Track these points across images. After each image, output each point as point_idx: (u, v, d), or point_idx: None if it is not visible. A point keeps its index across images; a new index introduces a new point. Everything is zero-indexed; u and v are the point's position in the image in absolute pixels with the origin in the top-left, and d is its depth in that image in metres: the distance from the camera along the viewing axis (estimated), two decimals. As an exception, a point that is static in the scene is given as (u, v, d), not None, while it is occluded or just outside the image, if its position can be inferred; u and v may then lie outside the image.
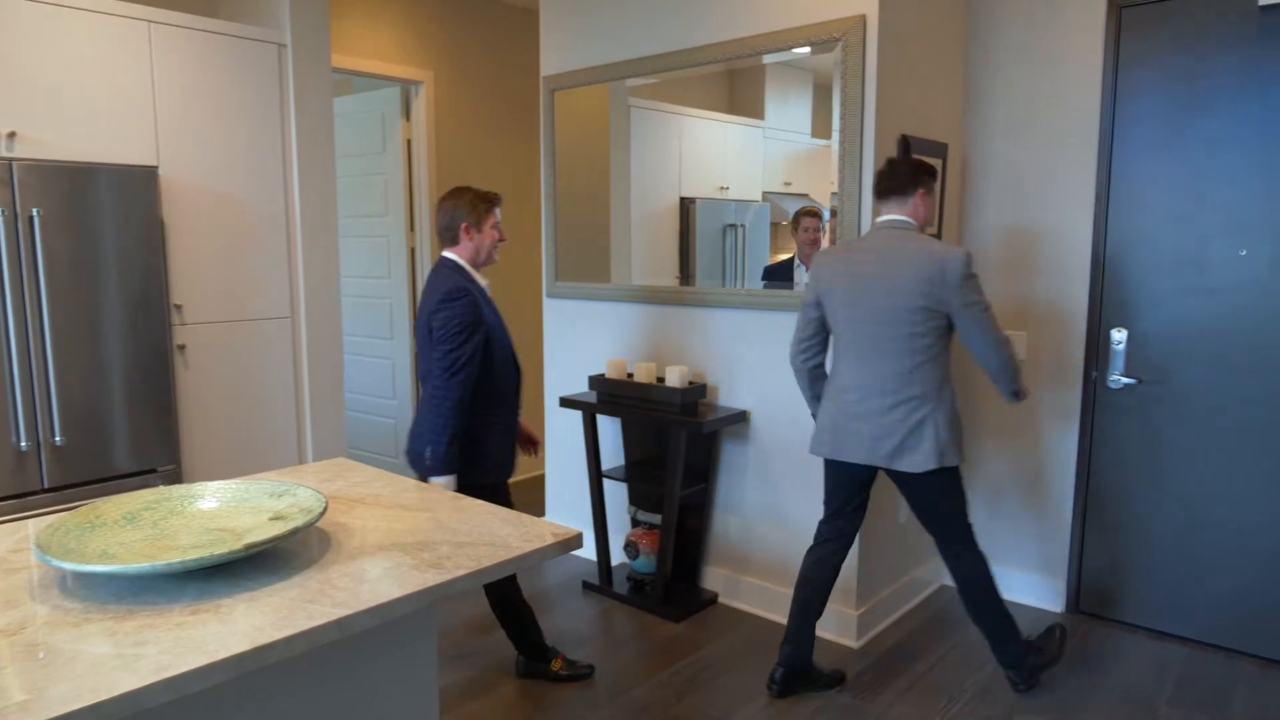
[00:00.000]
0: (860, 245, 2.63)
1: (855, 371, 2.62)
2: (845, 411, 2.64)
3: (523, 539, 1.79)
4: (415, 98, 4.62)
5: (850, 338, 2.61)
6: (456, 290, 2.53)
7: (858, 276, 2.58)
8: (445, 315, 2.52)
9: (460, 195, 2.65)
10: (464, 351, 2.51)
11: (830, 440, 2.68)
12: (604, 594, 3.59)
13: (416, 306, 4.73)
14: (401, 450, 4.92)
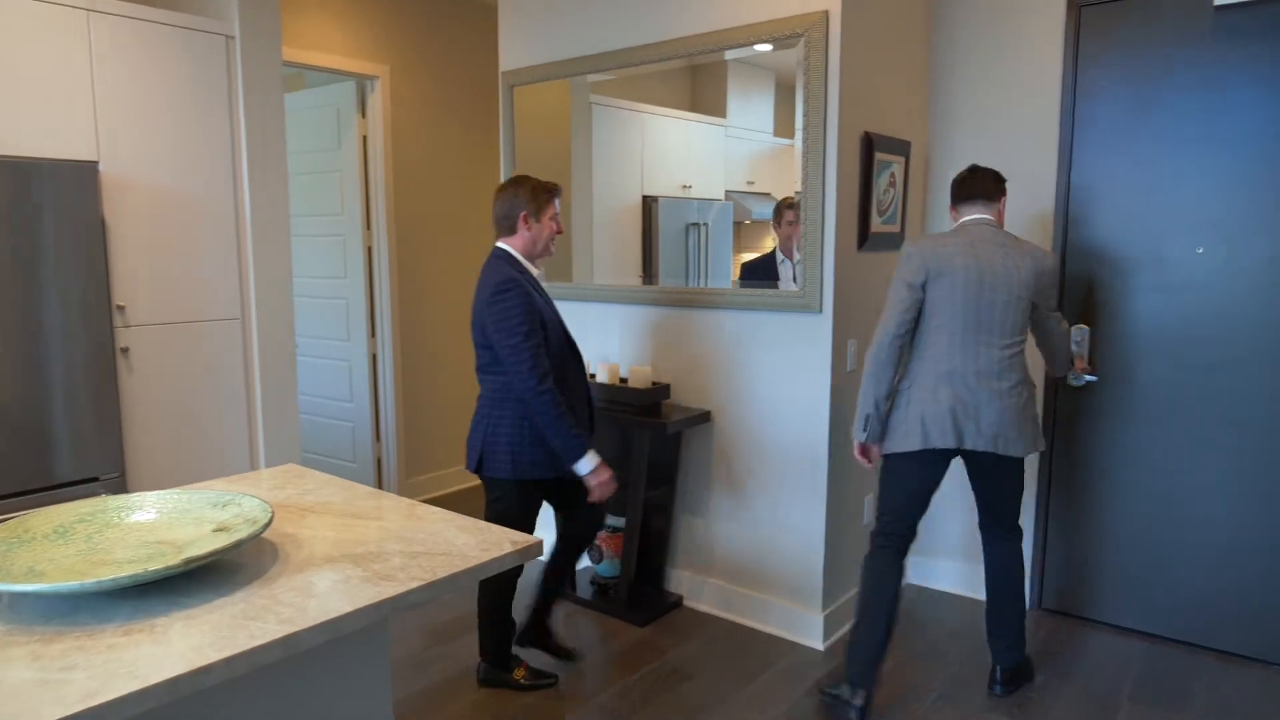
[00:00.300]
0: (969, 235, 2.60)
1: (970, 354, 2.56)
2: (962, 397, 2.54)
3: (480, 548, 1.73)
4: (371, 93, 4.51)
5: (969, 319, 2.55)
6: (506, 282, 2.48)
7: (982, 260, 2.56)
8: (499, 311, 2.47)
9: (521, 184, 2.60)
10: (532, 343, 2.47)
11: (949, 429, 2.54)
12: (567, 598, 3.53)
13: (385, 306, 4.63)
14: (361, 453, 4.81)
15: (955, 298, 2.55)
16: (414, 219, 4.73)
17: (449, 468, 5.04)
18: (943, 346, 2.58)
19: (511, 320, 2.45)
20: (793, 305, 3.05)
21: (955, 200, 2.72)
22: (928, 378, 2.58)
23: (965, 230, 2.63)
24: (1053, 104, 3.20)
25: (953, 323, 2.57)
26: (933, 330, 2.59)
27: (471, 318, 2.60)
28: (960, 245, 2.58)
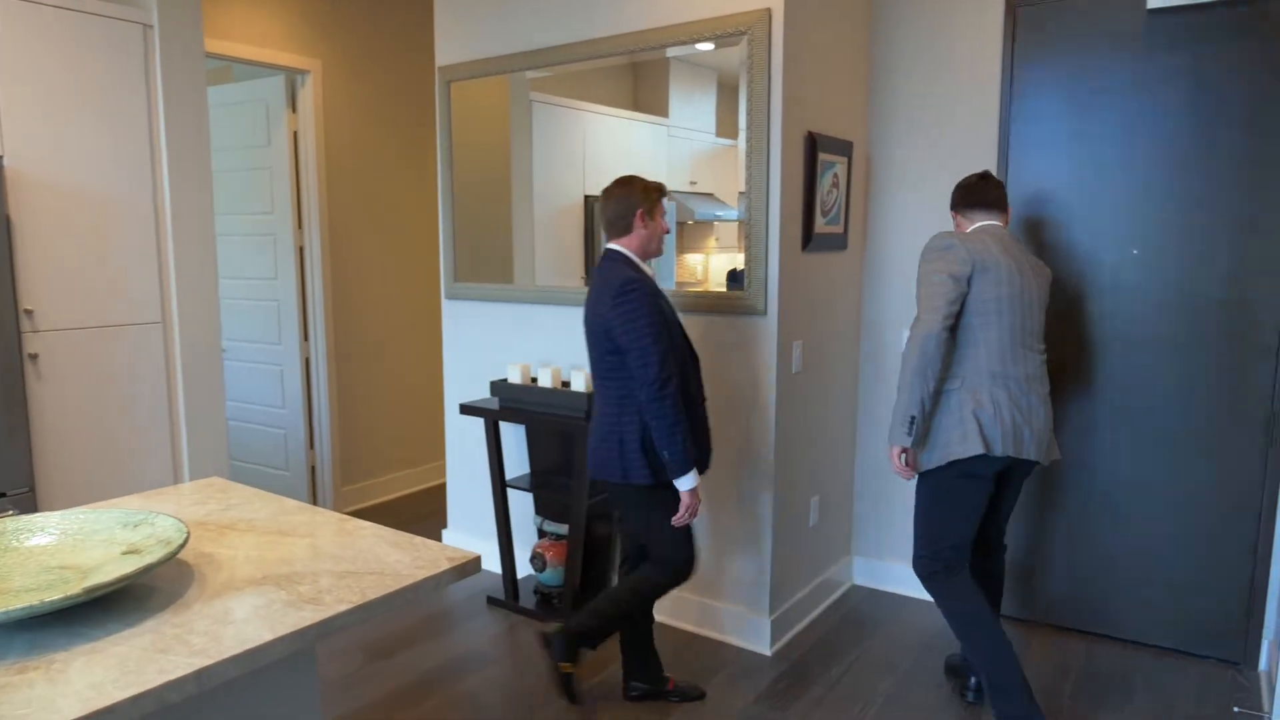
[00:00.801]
0: (993, 238, 2.50)
1: (1019, 357, 2.45)
2: (1019, 401, 2.43)
3: (414, 565, 1.64)
4: (302, 87, 4.35)
5: (1014, 320, 2.44)
6: (629, 283, 2.39)
7: (1016, 259, 2.47)
8: (625, 312, 2.38)
9: (632, 183, 2.51)
10: (659, 348, 2.38)
11: (1010, 435, 2.40)
12: (510, 609, 3.44)
13: (319, 308, 4.46)
14: (294, 461, 4.64)
15: (1001, 295, 2.43)
16: (348, 218, 4.58)
17: (386, 474, 4.90)
18: (993, 345, 2.43)
19: (639, 321, 2.37)
20: (737, 307, 3.01)
21: (965, 206, 2.62)
22: (980, 378, 2.42)
23: (987, 233, 2.52)
24: (992, 104, 3.22)
25: (1000, 321, 2.43)
26: (978, 327, 2.43)
27: (587, 325, 2.49)
28: (993, 244, 2.47)
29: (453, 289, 3.82)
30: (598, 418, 2.54)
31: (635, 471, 2.46)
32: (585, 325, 2.51)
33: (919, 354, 2.38)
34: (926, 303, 2.41)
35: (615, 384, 2.47)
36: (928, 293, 2.42)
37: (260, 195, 4.53)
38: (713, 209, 3.08)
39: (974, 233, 2.54)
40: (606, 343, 2.44)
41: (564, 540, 3.37)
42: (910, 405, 2.40)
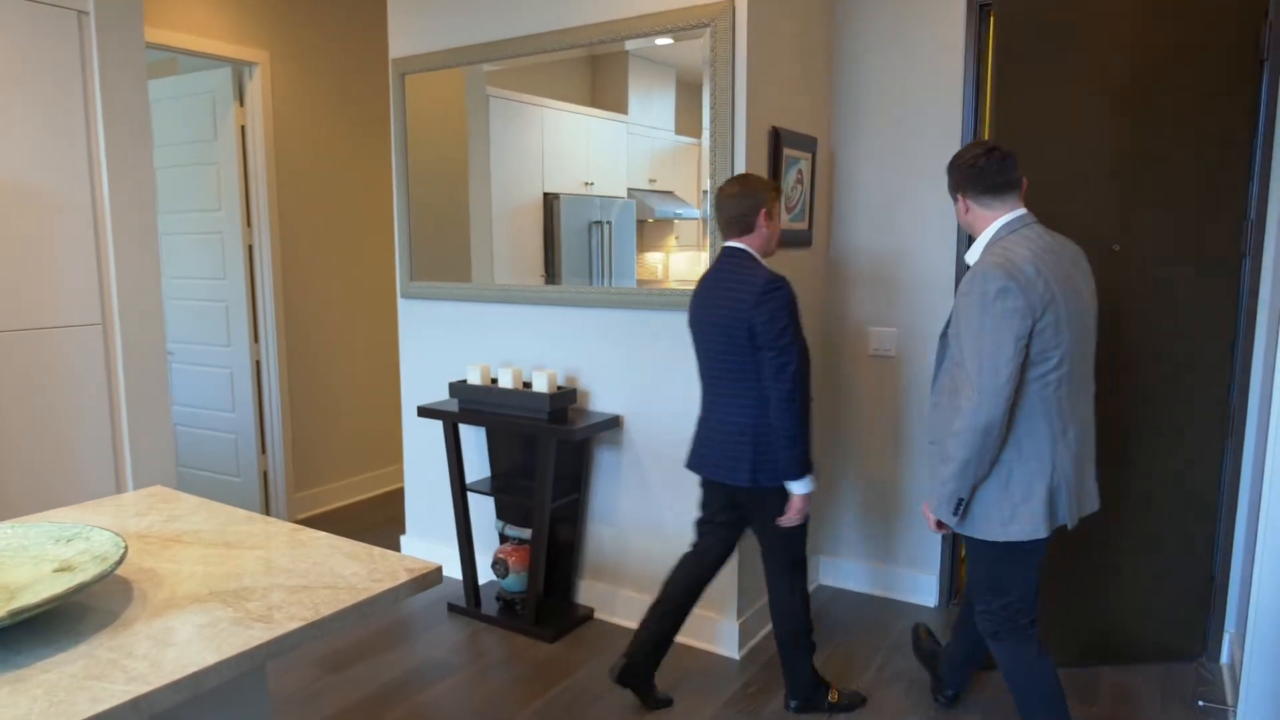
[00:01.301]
0: (1032, 243, 2.05)
1: (1074, 403, 2.10)
2: (1080, 462, 2.12)
3: (371, 577, 1.55)
4: (250, 80, 4.20)
5: (1069, 367, 2.05)
6: (776, 279, 2.33)
7: (1064, 268, 2.05)
8: (771, 309, 2.31)
9: (751, 180, 2.44)
10: (797, 347, 2.33)
11: (1070, 504, 2.11)
12: (472, 616, 3.34)
13: (269, 308, 4.31)
14: (245, 466, 4.49)
15: (1062, 340, 2.02)
16: (299, 215, 4.44)
17: (342, 480, 4.76)
18: (1051, 403, 2.05)
19: (782, 320, 2.31)
20: (703, 305, 2.96)
21: (978, 192, 2.13)
22: (1041, 445, 2.06)
23: (1026, 241, 2.05)
24: (955, 99, 3.21)
25: (1059, 372, 2.04)
26: (1036, 387, 2.03)
27: (707, 322, 2.42)
28: (1042, 260, 2.02)
29: (409, 288, 3.72)
30: (717, 418, 2.47)
31: (767, 474, 2.41)
32: (701, 323, 2.44)
33: (981, 440, 2.01)
34: (987, 374, 1.99)
35: (745, 384, 2.40)
36: (986, 362, 1.99)
37: (207, 192, 4.37)
38: (673, 207, 3.04)
39: (1011, 242, 2.06)
40: (741, 340, 2.36)
41: (527, 545, 3.29)
42: (960, 489, 2.08)
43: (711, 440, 2.49)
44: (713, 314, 2.41)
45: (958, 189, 2.18)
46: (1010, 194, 2.12)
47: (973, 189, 2.14)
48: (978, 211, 2.15)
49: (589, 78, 3.15)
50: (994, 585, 2.20)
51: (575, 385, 3.30)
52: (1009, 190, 2.12)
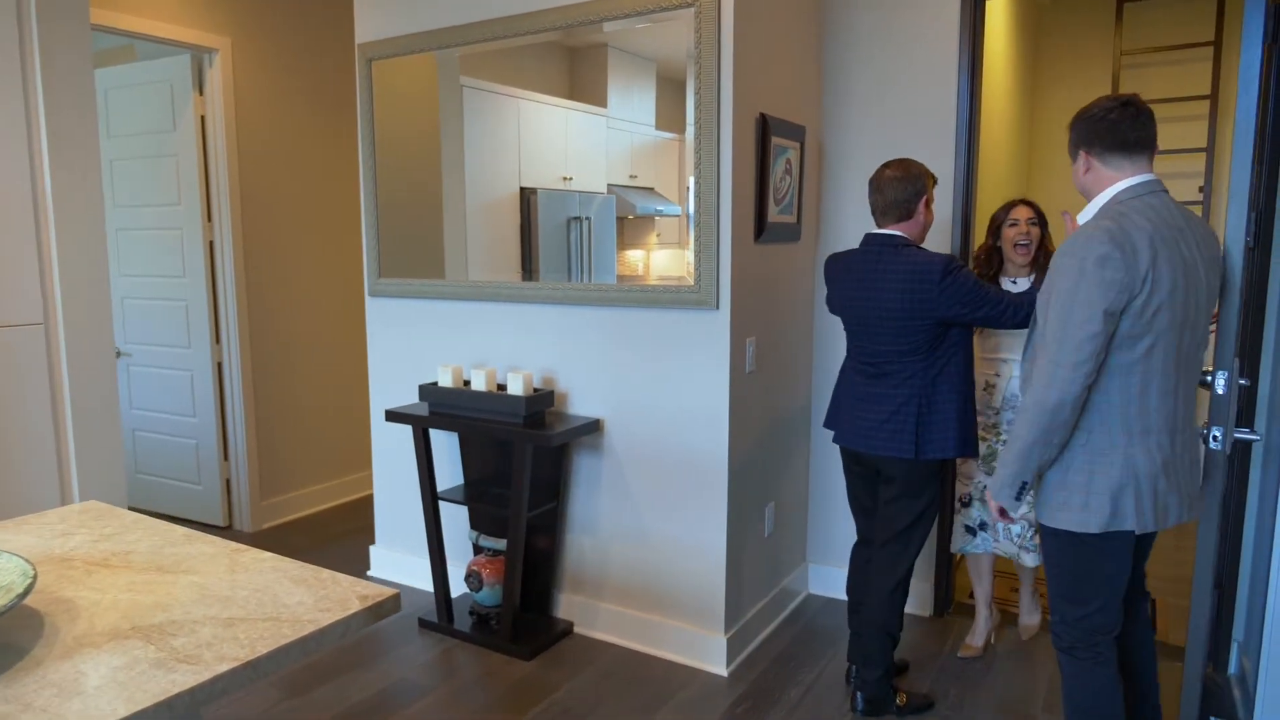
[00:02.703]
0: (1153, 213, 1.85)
1: (1165, 395, 1.88)
2: (1164, 465, 1.90)
3: (319, 607, 1.38)
4: (210, 68, 4.00)
5: (1165, 355, 1.85)
6: (952, 260, 2.35)
7: (1185, 255, 1.84)
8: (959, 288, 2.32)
9: (912, 165, 2.44)
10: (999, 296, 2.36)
11: (1149, 511, 1.90)
12: (444, 632, 3.16)
13: (231, 308, 4.11)
14: (207, 474, 4.28)
15: (1161, 322, 1.82)
16: (262, 210, 4.23)
17: (309, 487, 4.55)
18: (1133, 391, 1.86)
19: (973, 284, 2.34)
20: (686, 301, 2.80)
21: (1103, 148, 1.90)
22: (1113, 436, 1.89)
23: (1149, 209, 1.84)
24: (950, 88, 3.07)
25: (1150, 360, 1.85)
26: (1118, 370, 1.86)
27: (879, 310, 2.41)
28: (1155, 231, 1.81)
29: (377, 286, 3.53)
30: (877, 397, 2.47)
31: (934, 446, 2.41)
32: (870, 311, 2.43)
33: (1049, 420, 1.85)
34: (1066, 346, 1.81)
35: (919, 361, 2.41)
36: (1066, 332, 1.81)
37: (165, 185, 4.16)
38: (654, 204, 2.91)
39: (1130, 208, 1.84)
40: (921, 324, 2.37)
41: (502, 556, 3.11)
42: (1024, 472, 1.94)
43: (868, 420, 2.49)
44: (882, 302, 2.40)
45: (1082, 143, 1.95)
46: (1142, 154, 1.91)
47: (1100, 144, 1.91)
48: (1101, 171, 1.93)
49: (567, 70, 3.02)
50: (1070, 593, 2.02)
51: (553, 387, 3.13)
52: (1141, 150, 1.90)
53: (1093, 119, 1.92)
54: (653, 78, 2.83)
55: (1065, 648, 2.08)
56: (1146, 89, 4.87)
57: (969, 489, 2.93)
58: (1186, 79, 4.80)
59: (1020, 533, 2.89)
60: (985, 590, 3.01)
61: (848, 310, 2.51)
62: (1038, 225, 2.81)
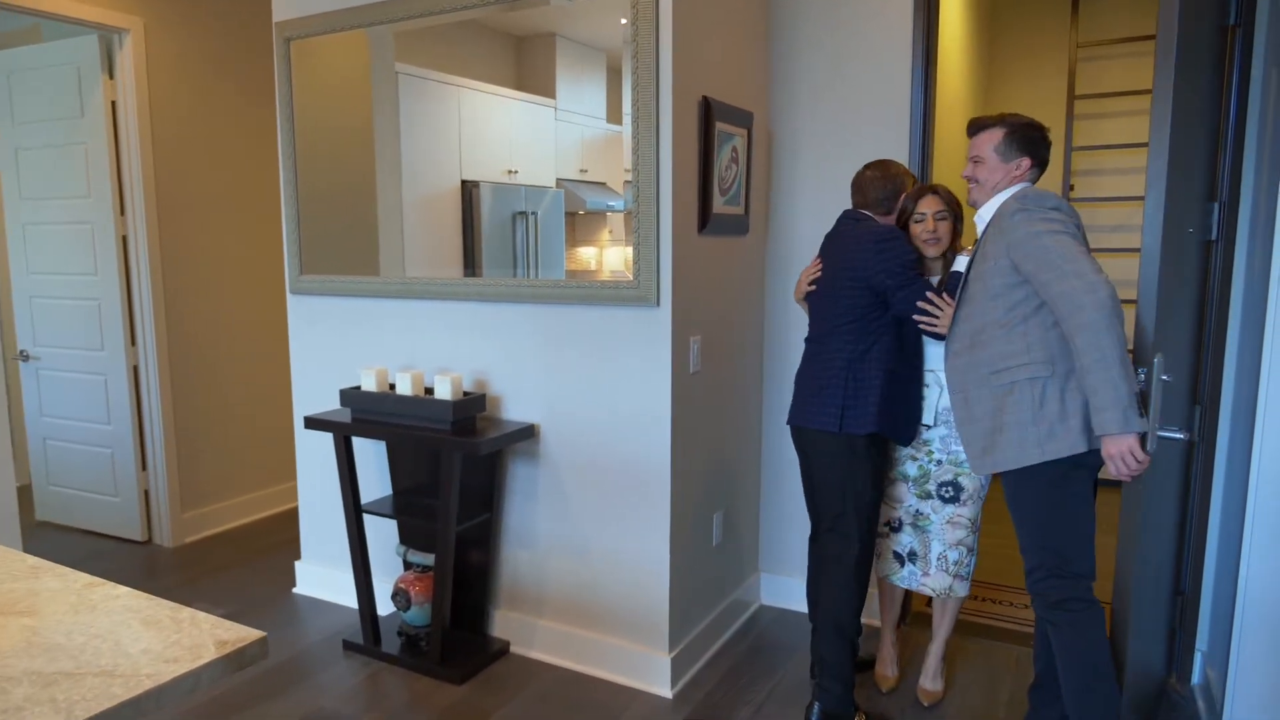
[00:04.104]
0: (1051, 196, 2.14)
1: None
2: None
3: (165, 656, 1.17)
4: (120, 49, 3.72)
5: None
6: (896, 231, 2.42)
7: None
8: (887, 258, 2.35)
9: (892, 166, 2.48)
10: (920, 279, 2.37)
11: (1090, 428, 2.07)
12: (370, 655, 2.94)
13: (148, 307, 3.85)
14: (124, 485, 4.00)
15: None
16: (180, 202, 3.96)
17: (235, 497, 4.29)
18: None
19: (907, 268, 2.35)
20: (625, 298, 2.62)
21: (1040, 164, 2.20)
22: (1064, 363, 2.06)
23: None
24: (903, 74, 2.92)
25: None
26: None
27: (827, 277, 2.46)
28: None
29: (298, 283, 3.29)
30: (814, 371, 2.47)
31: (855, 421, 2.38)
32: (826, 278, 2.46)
33: (1118, 320, 1.92)
34: (1080, 263, 1.94)
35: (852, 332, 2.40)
36: (1070, 253, 1.96)
37: (74, 176, 3.88)
38: (605, 199, 2.77)
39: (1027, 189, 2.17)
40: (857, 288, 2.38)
41: (431, 572, 2.90)
42: (1132, 383, 1.92)
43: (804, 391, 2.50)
44: (835, 266, 2.45)
45: (1028, 152, 2.18)
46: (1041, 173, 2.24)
47: (1038, 157, 2.19)
48: (1025, 175, 2.20)
49: (514, 60, 2.87)
50: (1052, 542, 2.09)
51: (485, 390, 2.92)
52: (1044, 170, 2.24)
53: (1037, 137, 2.19)
54: (603, 69, 2.68)
55: (1056, 603, 2.10)
56: (1102, 82, 4.79)
57: (898, 513, 2.63)
58: (1142, 72, 4.72)
59: (958, 560, 2.57)
60: (894, 618, 2.78)
61: (818, 283, 2.52)
62: (947, 219, 2.47)
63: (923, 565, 2.59)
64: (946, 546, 2.56)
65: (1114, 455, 1.94)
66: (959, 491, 2.52)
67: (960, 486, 2.52)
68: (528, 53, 2.85)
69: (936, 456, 2.54)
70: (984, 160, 2.19)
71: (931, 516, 2.57)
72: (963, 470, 2.51)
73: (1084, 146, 4.77)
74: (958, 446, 2.48)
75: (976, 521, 2.56)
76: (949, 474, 2.53)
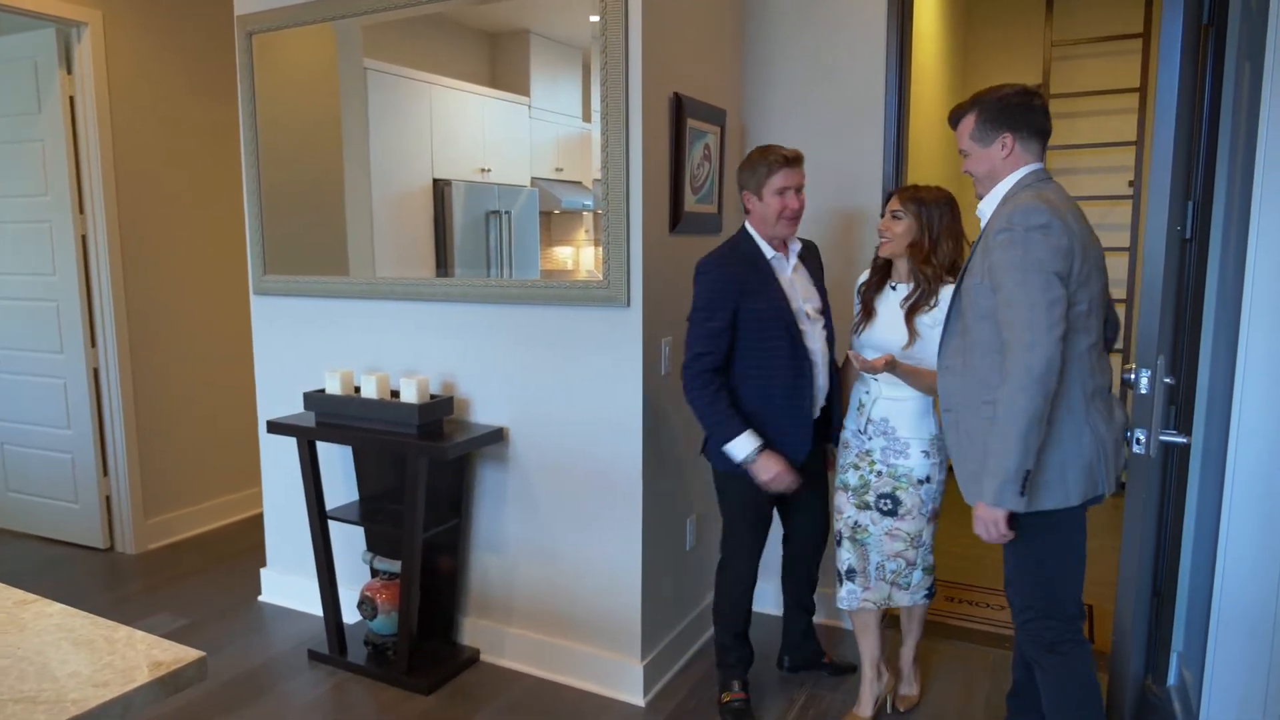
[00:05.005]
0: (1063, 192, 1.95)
1: (1103, 361, 1.98)
2: (1118, 422, 1.96)
3: (94, 680, 1.10)
4: (79, 43, 3.62)
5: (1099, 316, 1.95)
6: (705, 259, 2.41)
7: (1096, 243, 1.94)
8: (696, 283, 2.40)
9: (747, 158, 2.38)
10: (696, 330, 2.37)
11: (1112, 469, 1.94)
12: (335, 665, 2.87)
13: (108, 308, 3.77)
14: (84, 491, 3.89)
15: (1093, 287, 1.88)
16: (142, 200, 3.86)
17: (200, 503, 4.19)
18: (1083, 356, 1.89)
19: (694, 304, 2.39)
20: (595, 298, 2.57)
21: (1030, 131, 1.95)
22: (1076, 399, 1.88)
23: (1054, 188, 1.93)
24: (878, 70, 2.89)
25: (1091, 321, 1.89)
26: (1071, 335, 1.86)
27: None
28: (1071, 208, 1.89)
29: (262, 283, 3.21)
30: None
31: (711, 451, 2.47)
32: None
33: (1042, 388, 1.77)
34: (1036, 311, 1.77)
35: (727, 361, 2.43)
36: (1031, 299, 1.78)
37: (31, 174, 3.78)
38: (581, 198, 2.74)
39: (1041, 189, 1.90)
40: None
41: (397, 579, 2.83)
42: (1028, 458, 1.80)
43: None
44: None
45: (1006, 125, 1.95)
46: (1044, 143, 1.99)
47: (1026, 128, 1.94)
48: (1018, 154, 1.95)
49: (488, 58, 2.84)
50: (1047, 580, 1.97)
51: (453, 393, 2.86)
52: (1046, 139, 1.99)
53: (1015, 104, 1.94)
54: (579, 67, 2.65)
55: (1047, 645, 2.00)
56: (1076, 81, 4.79)
57: (838, 525, 2.49)
58: (1116, 71, 4.73)
59: (896, 570, 2.43)
60: (871, 648, 2.52)
61: None
62: (901, 219, 2.32)
63: (862, 580, 2.44)
64: (884, 558, 2.42)
65: (982, 519, 1.89)
66: (897, 505, 2.38)
67: (898, 500, 2.38)
68: (502, 50, 2.82)
69: (878, 467, 2.40)
70: (968, 152, 2.02)
71: (870, 529, 2.42)
72: (901, 484, 2.37)
73: (1058, 146, 4.76)
74: (897, 459, 2.36)
75: (920, 538, 2.41)
76: (888, 486, 2.39)
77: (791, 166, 2.31)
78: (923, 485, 2.36)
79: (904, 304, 2.34)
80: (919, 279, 2.33)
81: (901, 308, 2.35)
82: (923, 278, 2.32)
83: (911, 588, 2.45)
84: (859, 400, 2.45)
